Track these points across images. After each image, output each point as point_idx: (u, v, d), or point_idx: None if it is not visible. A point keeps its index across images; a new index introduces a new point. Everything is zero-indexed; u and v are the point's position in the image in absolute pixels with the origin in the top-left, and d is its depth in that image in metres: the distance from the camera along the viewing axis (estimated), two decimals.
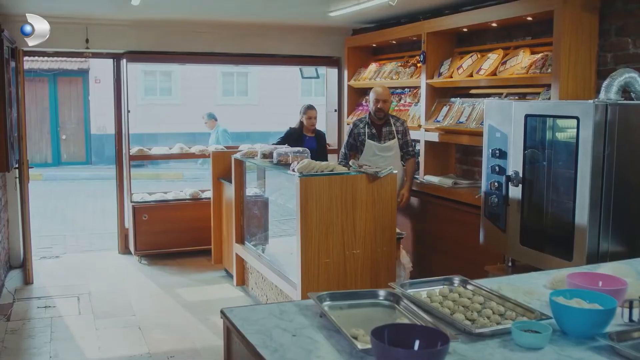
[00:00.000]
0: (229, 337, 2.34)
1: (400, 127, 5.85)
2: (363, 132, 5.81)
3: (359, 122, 5.92)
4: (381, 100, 5.71)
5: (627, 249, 3.45)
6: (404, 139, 5.86)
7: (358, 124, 5.90)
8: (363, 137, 5.79)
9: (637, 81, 3.81)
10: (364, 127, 5.83)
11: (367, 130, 5.80)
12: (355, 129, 5.88)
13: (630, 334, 2.11)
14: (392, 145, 5.79)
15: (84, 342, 4.96)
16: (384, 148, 5.77)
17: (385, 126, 5.82)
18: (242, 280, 6.30)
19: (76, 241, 8.79)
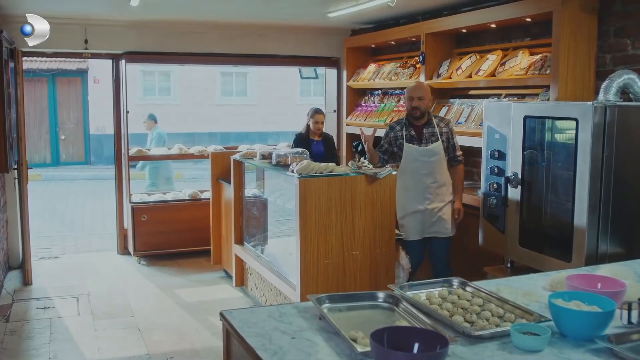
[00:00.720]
0: (229, 340, 2.34)
1: (444, 128, 5.07)
2: (400, 135, 5.04)
3: (395, 124, 5.16)
4: (416, 98, 4.96)
5: (625, 250, 3.46)
6: (450, 142, 5.07)
7: (394, 127, 5.13)
8: (401, 140, 5.03)
9: (636, 82, 3.82)
10: (401, 129, 5.07)
11: (404, 133, 5.03)
12: (392, 132, 5.12)
13: (629, 336, 2.12)
14: (435, 148, 4.98)
15: (83, 343, 4.96)
16: (426, 152, 4.97)
17: (427, 127, 5.04)
18: (241, 281, 6.30)
19: (75, 242, 8.79)
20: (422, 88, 5.05)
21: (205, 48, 7.52)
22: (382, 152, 5.15)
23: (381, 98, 7.12)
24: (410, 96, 5.00)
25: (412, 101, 4.99)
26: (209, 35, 7.43)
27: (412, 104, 5.00)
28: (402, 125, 5.08)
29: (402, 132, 5.04)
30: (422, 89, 5.02)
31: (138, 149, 7.79)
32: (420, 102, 4.97)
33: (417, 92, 4.98)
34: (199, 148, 8.08)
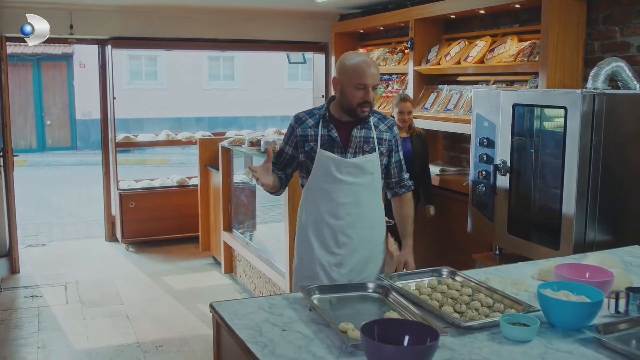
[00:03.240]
0: (219, 332, 2.33)
1: (387, 132, 3.17)
2: (313, 135, 3.07)
3: (306, 115, 3.14)
4: (370, 86, 2.97)
5: (613, 238, 3.48)
6: (393, 157, 3.21)
7: (304, 119, 3.12)
8: (313, 143, 3.06)
9: (624, 70, 3.82)
10: (315, 124, 3.09)
11: (321, 131, 3.07)
12: (299, 128, 3.11)
13: (616, 326, 2.13)
14: (368, 163, 3.07)
15: (71, 332, 4.95)
16: (353, 167, 3.05)
17: (360, 128, 3.09)
18: (230, 268, 6.30)
19: (62, 229, 8.74)
20: (376, 70, 3.03)
21: (192, 33, 7.44)
22: (281, 163, 3.18)
23: None
24: (361, 83, 2.95)
25: (363, 90, 2.97)
26: (196, 21, 7.35)
27: (360, 95, 2.97)
28: (318, 118, 3.10)
29: (316, 130, 3.07)
30: (376, 73, 3.02)
31: (125, 135, 7.74)
32: (367, 94, 2.99)
33: (373, 76, 2.98)
34: (186, 134, 8.04)
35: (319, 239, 3.11)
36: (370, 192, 3.13)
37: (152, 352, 4.62)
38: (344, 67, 3.01)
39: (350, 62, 3.00)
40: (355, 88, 2.96)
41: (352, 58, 3.03)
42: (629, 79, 3.84)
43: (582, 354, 1.96)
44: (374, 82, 2.99)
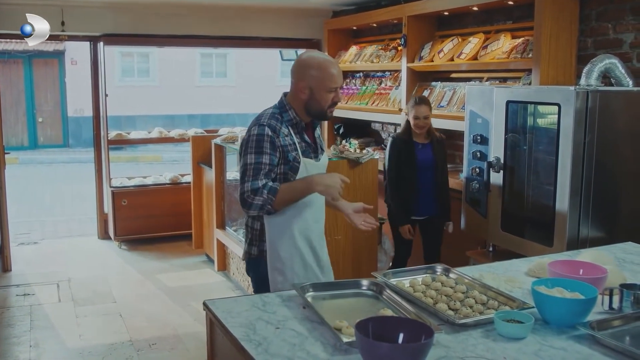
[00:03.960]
0: (212, 330, 2.32)
1: (318, 127, 3.19)
2: (292, 143, 2.92)
3: (276, 122, 2.90)
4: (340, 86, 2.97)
5: (606, 234, 3.49)
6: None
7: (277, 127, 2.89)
8: (294, 153, 2.92)
9: (617, 67, 3.83)
10: (289, 133, 2.93)
11: (296, 138, 2.95)
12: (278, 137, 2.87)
13: (610, 323, 2.14)
14: (326, 162, 3.16)
15: (64, 331, 4.92)
16: (324, 167, 3.11)
17: (315, 126, 3.13)
18: (223, 266, 6.28)
19: (54, 227, 8.70)
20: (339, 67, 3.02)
21: (184, 30, 7.41)
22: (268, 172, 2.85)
23: (363, 81, 7.09)
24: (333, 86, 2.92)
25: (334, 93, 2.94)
26: (189, 17, 7.32)
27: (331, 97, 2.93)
28: (287, 125, 2.94)
29: (292, 138, 2.93)
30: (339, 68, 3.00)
31: (117, 133, 7.70)
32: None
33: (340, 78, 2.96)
34: (179, 131, 8.02)
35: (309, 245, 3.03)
36: None
37: (145, 350, 4.60)
38: (313, 71, 2.88)
39: (319, 66, 2.89)
40: (328, 92, 2.89)
41: (318, 61, 2.91)
42: (622, 75, 3.85)
43: (576, 350, 1.96)
44: (342, 81, 2.98)
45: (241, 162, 2.90)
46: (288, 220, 2.94)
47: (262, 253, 3.02)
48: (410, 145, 4.72)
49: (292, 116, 2.94)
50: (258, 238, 3.03)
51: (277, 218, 2.92)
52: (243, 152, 2.90)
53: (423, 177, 4.72)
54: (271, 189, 2.80)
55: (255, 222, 3.03)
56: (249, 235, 3.09)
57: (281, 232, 2.95)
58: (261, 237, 3.01)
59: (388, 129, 6.89)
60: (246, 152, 2.87)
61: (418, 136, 4.74)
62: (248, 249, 3.10)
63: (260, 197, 2.79)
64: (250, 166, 2.83)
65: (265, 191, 2.79)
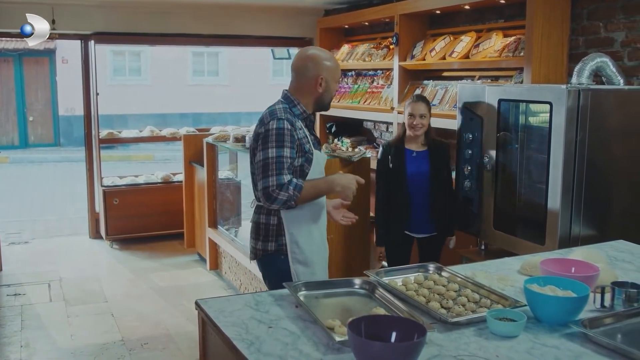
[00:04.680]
0: (204, 329, 2.31)
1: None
2: (305, 137, 3.04)
3: (292, 117, 3.00)
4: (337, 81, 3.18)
5: (597, 233, 3.50)
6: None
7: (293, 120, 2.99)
8: (308, 145, 3.04)
9: (608, 65, 3.84)
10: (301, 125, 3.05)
11: (306, 131, 3.08)
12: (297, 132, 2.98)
13: (602, 321, 2.14)
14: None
15: (55, 331, 4.90)
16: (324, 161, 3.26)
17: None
18: (215, 265, 6.27)
19: (45, 226, 8.66)
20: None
21: (176, 28, 7.39)
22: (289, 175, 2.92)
23: (355, 79, 7.08)
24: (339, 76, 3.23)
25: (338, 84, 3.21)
26: (180, 16, 7.30)
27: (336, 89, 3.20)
28: (300, 119, 3.06)
29: (304, 132, 3.05)
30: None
31: (109, 131, 7.67)
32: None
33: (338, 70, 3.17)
34: (171, 130, 7.99)
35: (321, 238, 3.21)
36: None
37: (137, 349, 4.59)
38: (327, 63, 3.07)
39: (330, 58, 3.12)
40: (337, 83, 3.14)
41: (328, 54, 3.16)
42: (613, 74, 3.86)
43: (568, 348, 1.97)
44: None
45: (259, 157, 2.94)
46: (305, 214, 3.07)
47: (281, 248, 3.07)
48: (400, 152, 4.19)
49: (302, 110, 3.07)
50: (275, 233, 3.08)
51: (295, 212, 3.03)
52: (261, 146, 2.94)
53: (415, 190, 4.16)
54: (297, 185, 2.90)
55: (271, 217, 3.07)
56: (262, 232, 3.10)
57: (300, 225, 3.06)
58: (279, 232, 3.06)
59: (380, 128, 6.89)
60: (266, 147, 2.91)
61: (412, 142, 4.20)
62: (263, 245, 3.11)
63: (285, 193, 2.88)
64: (272, 160, 2.89)
65: (292, 187, 2.89)
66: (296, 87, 3.08)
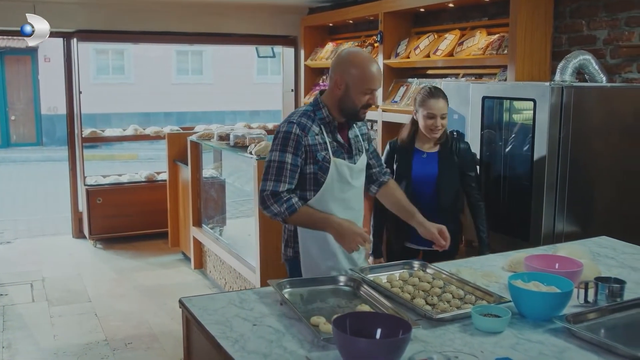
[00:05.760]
0: (189, 328, 2.30)
1: (363, 126, 3.12)
2: (322, 143, 2.86)
3: (308, 120, 2.86)
4: (377, 90, 2.87)
5: (581, 229, 3.52)
6: (373, 149, 3.16)
7: (308, 126, 2.84)
8: (324, 152, 2.85)
9: (591, 63, 3.87)
10: (320, 132, 2.87)
11: (327, 137, 2.88)
12: (306, 136, 2.82)
13: (585, 316, 2.16)
14: (363, 162, 3.04)
15: (38, 331, 4.85)
16: (360, 170, 3.01)
17: (351, 127, 3.01)
18: (200, 264, 6.24)
19: (28, 226, 8.57)
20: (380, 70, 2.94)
21: (160, 26, 7.34)
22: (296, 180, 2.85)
23: None
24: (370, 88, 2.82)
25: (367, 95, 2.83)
26: (164, 14, 7.25)
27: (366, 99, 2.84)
28: (319, 123, 2.88)
29: (323, 137, 2.86)
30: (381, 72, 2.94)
31: (92, 130, 7.61)
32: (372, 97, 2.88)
33: (379, 79, 2.84)
34: (154, 129, 7.94)
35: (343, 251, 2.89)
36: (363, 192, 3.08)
37: (121, 349, 4.55)
38: (353, 69, 2.79)
39: (360, 65, 2.79)
40: (364, 93, 2.80)
41: (361, 59, 2.82)
42: (595, 72, 3.89)
43: (552, 343, 1.97)
44: (380, 85, 2.88)
45: (266, 157, 2.88)
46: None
47: (296, 255, 2.97)
48: (408, 153, 3.64)
49: (325, 114, 2.87)
50: (293, 240, 2.98)
51: None
52: (271, 147, 2.87)
53: (420, 195, 3.51)
54: (291, 206, 2.76)
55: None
56: (284, 237, 3.04)
57: (314, 236, 2.88)
58: (295, 238, 2.96)
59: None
60: (272, 149, 2.84)
61: (424, 141, 3.61)
62: (284, 250, 3.05)
63: (277, 207, 2.77)
64: (273, 164, 2.81)
65: (285, 205, 2.76)
66: (327, 89, 2.91)
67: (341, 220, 2.79)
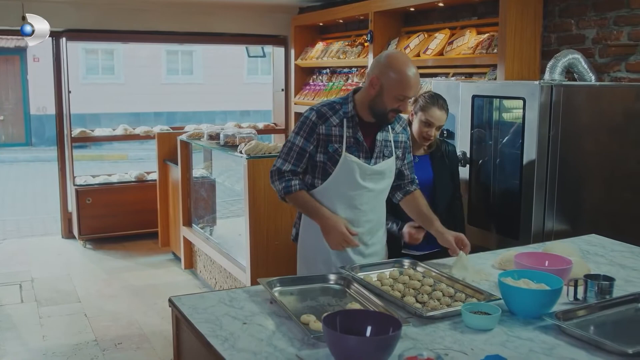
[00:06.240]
0: (178, 327, 2.29)
1: (402, 133, 3.06)
2: (338, 135, 2.86)
3: (330, 110, 2.88)
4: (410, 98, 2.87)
5: (570, 227, 3.53)
6: (406, 158, 3.10)
7: (327, 115, 2.87)
8: (337, 145, 2.85)
9: (580, 62, 3.88)
10: (340, 123, 2.87)
11: (347, 133, 2.87)
12: (322, 124, 2.86)
13: (575, 313, 2.16)
14: (387, 169, 2.97)
15: (27, 331, 4.82)
16: (376, 174, 2.93)
17: (381, 129, 2.95)
18: (190, 264, 6.22)
19: (17, 226, 8.52)
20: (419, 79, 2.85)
21: (150, 26, 7.31)
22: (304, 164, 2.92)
23: (329, 77, 7.08)
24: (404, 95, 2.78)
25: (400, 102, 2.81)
26: (154, 13, 7.23)
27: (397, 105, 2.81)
28: (342, 116, 2.88)
29: (341, 130, 2.86)
30: (419, 81, 2.88)
31: (81, 130, 7.57)
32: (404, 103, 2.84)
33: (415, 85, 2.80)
34: (144, 128, 7.91)
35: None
36: (384, 197, 3.04)
37: (110, 349, 4.53)
38: (391, 72, 2.76)
39: (400, 70, 2.76)
40: (396, 98, 2.77)
41: (402, 64, 2.78)
42: (584, 70, 3.90)
43: (542, 340, 1.98)
44: (416, 93, 2.90)
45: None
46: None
47: (297, 236, 3.11)
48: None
49: (349, 109, 2.87)
50: (298, 220, 3.11)
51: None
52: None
53: None
54: (287, 187, 2.89)
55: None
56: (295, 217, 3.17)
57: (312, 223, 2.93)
58: (299, 220, 3.10)
59: None
60: (293, 130, 2.95)
61: (415, 146, 3.42)
62: (294, 230, 3.18)
63: (277, 184, 2.92)
64: (287, 144, 2.94)
65: (283, 185, 2.90)
66: (362, 88, 2.91)
67: (330, 215, 2.84)
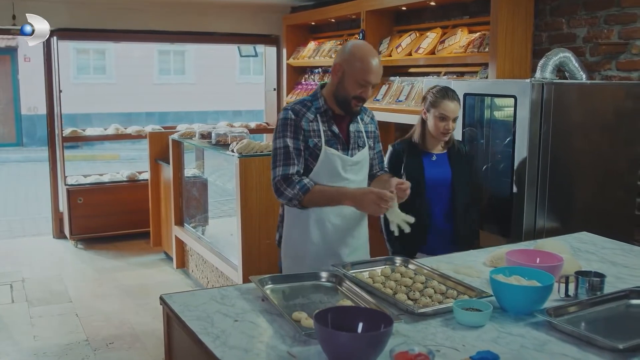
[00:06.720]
0: (169, 324, 2.28)
1: (370, 123, 3.08)
2: (316, 130, 2.87)
3: (302, 107, 2.89)
4: (372, 84, 2.81)
5: (561, 225, 3.54)
6: (376, 148, 3.13)
7: (302, 112, 2.87)
8: (317, 139, 2.86)
9: (571, 61, 3.90)
10: (315, 119, 2.88)
11: (322, 126, 2.89)
12: (301, 120, 2.86)
13: (566, 309, 2.17)
14: (364, 159, 3.00)
15: (18, 332, 4.79)
16: (356, 163, 2.96)
17: (352, 121, 2.98)
18: (182, 263, 6.21)
19: (8, 226, 8.48)
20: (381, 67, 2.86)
21: (141, 25, 7.29)
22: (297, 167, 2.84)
23: (321, 76, 7.08)
24: (365, 80, 2.78)
25: (361, 88, 2.81)
26: (146, 12, 7.21)
27: (359, 91, 2.81)
28: (315, 111, 2.90)
29: (317, 125, 2.88)
30: (381, 69, 2.85)
31: (72, 129, 7.54)
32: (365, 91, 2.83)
33: (377, 72, 2.80)
34: (136, 128, 7.89)
35: (324, 240, 2.94)
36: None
37: (102, 349, 4.52)
38: (352, 58, 2.80)
39: (360, 55, 2.79)
40: (357, 83, 2.79)
41: (362, 51, 2.81)
42: (575, 69, 3.92)
43: (533, 337, 1.98)
44: (377, 81, 2.83)
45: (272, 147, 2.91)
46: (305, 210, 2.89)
47: (281, 239, 3.07)
48: (417, 156, 3.45)
49: (321, 104, 2.89)
50: (281, 224, 3.07)
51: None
52: (273, 137, 2.91)
53: (436, 200, 3.42)
54: (304, 186, 2.78)
55: (280, 207, 3.06)
56: (278, 222, 3.12)
57: (296, 221, 2.94)
58: (282, 223, 3.06)
59: None
60: (274, 138, 2.88)
61: (432, 143, 3.45)
62: (277, 234, 3.14)
63: (290, 190, 2.79)
64: (279, 151, 2.84)
65: (298, 186, 2.78)
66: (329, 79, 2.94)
67: (354, 189, 2.83)
